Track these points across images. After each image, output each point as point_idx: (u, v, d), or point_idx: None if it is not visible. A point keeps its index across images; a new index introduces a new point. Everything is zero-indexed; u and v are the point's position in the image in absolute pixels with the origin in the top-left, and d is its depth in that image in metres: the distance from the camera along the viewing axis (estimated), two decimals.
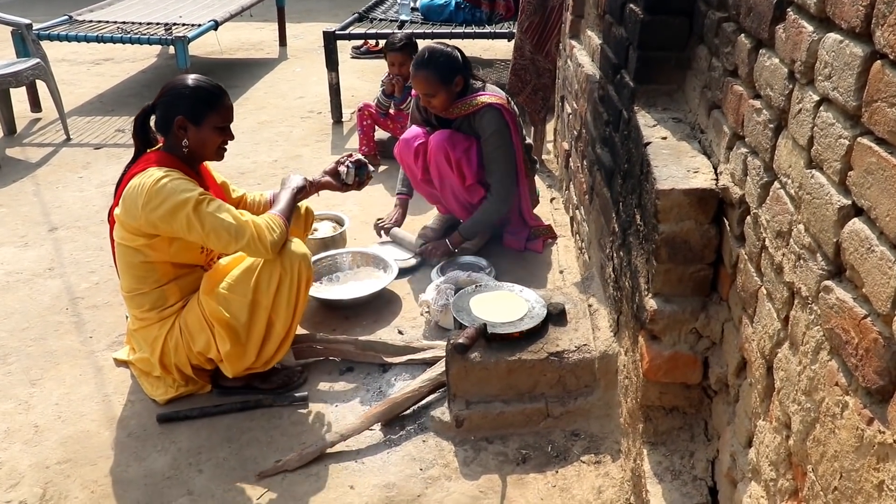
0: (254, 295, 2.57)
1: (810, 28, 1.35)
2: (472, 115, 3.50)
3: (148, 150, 2.64)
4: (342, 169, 3.04)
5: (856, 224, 1.17)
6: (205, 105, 2.54)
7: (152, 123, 2.66)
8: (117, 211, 2.55)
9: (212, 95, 2.57)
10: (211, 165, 2.84)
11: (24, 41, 5.50)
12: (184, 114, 2.52)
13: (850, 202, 1.19)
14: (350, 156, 3.09)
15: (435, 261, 3.63)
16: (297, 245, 2.65)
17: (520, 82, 4.59)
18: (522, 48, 4.48)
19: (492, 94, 3.51)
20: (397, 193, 3.93)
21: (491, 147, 3.51)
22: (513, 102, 3.69)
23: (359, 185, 3.07)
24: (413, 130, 3.66)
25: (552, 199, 4.23)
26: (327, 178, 3.03)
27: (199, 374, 2.76)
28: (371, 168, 3.12)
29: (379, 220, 3.90)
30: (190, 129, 2.54)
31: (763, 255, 1.58)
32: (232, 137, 2.67)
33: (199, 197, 2.44)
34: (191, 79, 2.57)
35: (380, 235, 3.87)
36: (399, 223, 3.88)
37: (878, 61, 1.11)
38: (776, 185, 1.52)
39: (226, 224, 2.45)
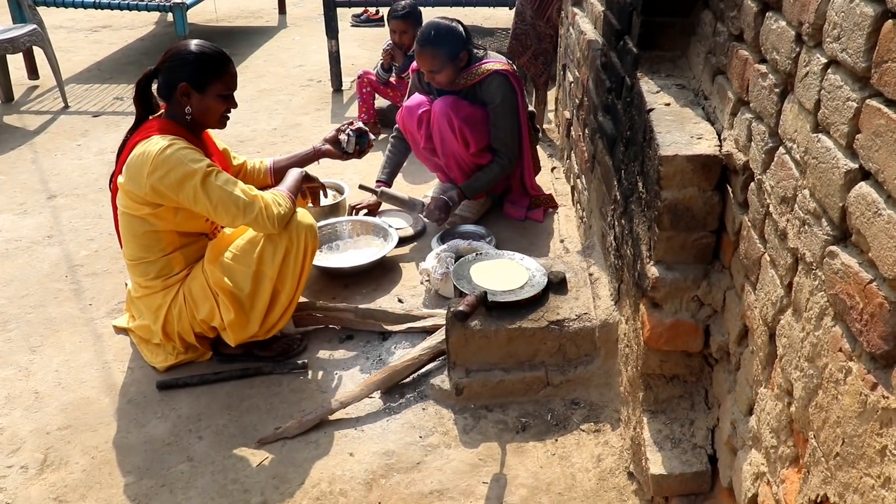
0: (258, 266, 2.55)
1: None
2: (478, 84, 3.47)
3: (150, 117, 2.61)
4: (343, 137, 3.03)
5: (862, 188, 1.15)
6: (209, 72, 2.51)
7: (154, 89, 2.63)
8: (121, 179, 2.51)
9: (216, 62, 2.53)
10: (212, 132, 2.81)
11: (21, 6, 5.45)
12: (187, 80, 2.48)
13: (857, 166, 1.17)
14: (351, 124, 3.07)
15: (435, 221, 3.55)
16: (304, 215, 2.64)
17: (520, 46, 4.55)
18: (523, 13, 4.44)
19: (496, 61, 3.48)
20: (377, 180, 3.74)
21: (499, 114, 3.49)
22: (515, 67, 3.66)
23: (359, 153, 3.06)
24: (416, 98, 3.63)
25: (553, 169, 4.20)
26: (328, 147, 3.03)
27: (200, 341, 2.75)
28: (372, 136, 3.10)
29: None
30: (193, 96, 2.51)
31: (767, 221, 1.56)
32: (235, 105, 2.64)
33: (207, 169, 2.41)
34: (195, 44, 2.53)
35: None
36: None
37: (890, 20, 1.08)
38: (781, 150, 1.50)
39: (234, 198, 2.42)
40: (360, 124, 3.08)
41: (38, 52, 5.63)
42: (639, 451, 2.09)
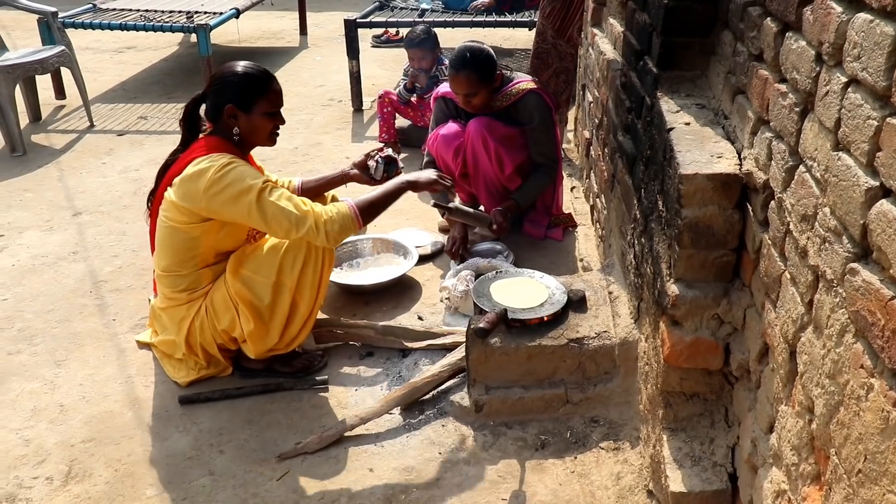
0: (278, 276, 2.59)
1: (839, 9, 1.34)
2: (512, 105, 3.49)
3: (199, 136, 2.66)
4: (371, 163, 3.02)
5: (884, 205, 1.16)
6: (254, 91, 2.56)
7: (202, 112, 2.69)
8: (171, 193, 2.55)
9: (260, 81, 2.59)
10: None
11: (50, 29, 5.55)
12: (233, 101, 2.54)
13: (878, 183, 1.18)
14: (381, 150, 3.07)
15: (504, 232, 3.42)
16: None
17: (542, 64, 4.58)
18: (544, 33, 4.47)
19: (527, 80, 3.53)
20: (434, 203, 3.45)
21: (539, 131, 3.53)
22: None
23: (387, 179, 3.03)
24: (451, 127, 3.61)
25: (572, 188, 4.22)
26: (356, 171, 3.04)
27: (222, 354, 2.78)
28: (401, 165, 3.08)
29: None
30: (240, 116, 2.57)
31: (787, 239, 1.57)
32: (283, 122, 2.70)
33: (262, 185, 2.46)
34: (239, 66, 2.59)
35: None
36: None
37: None
38: (801, 168, 1.51)
39: (287, 212, 2.45)
40: (390, 151, 3.07)
41: (66, 73, 5.74)
42: (658, 469, 2.09)
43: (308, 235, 2.49)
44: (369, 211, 2.61)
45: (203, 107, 2.68)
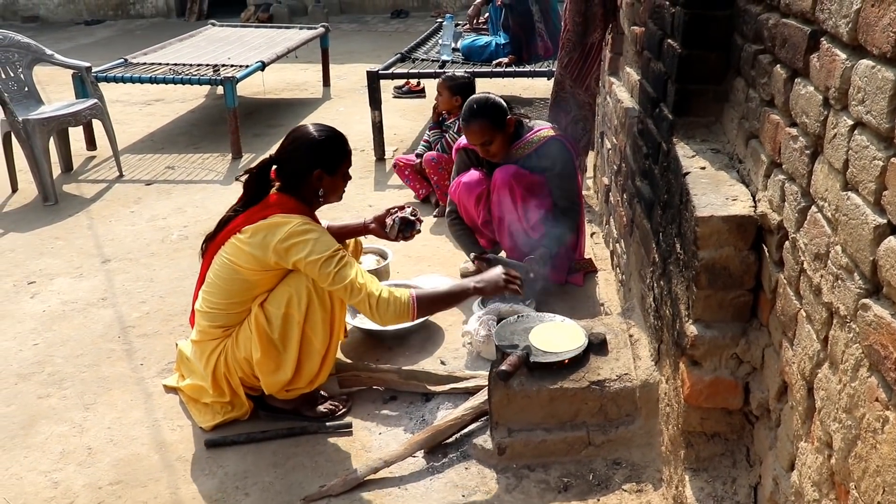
0: (286, 308, 2.65)
1: (843, 56, 1.39)
2: (534, 152, 3.55)
3: (270, 193, 2.73)
4: (389, 221, 3.06)
5: (891, 242, 1.20)
6: (339, 155, 2.72)
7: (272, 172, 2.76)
8: (241, 239, 2.64)
9: (342, 144, 2.74)
10: None
11: (84, 83, 5.74)
12: (322, 166, 2.66)
13: (885, 221, 1.22)
14: (402, 208, 3.11)
15: (543, 278, 3.48)
16: None
17: (561, 112, 4.66)
18: (563, 82, 4.55)
19: (548, 128, 3.59)
20: (475, 257, 3.67)
21: (563, 177, 3.57)
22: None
23: (402, 239, 3.09)
24: (473, 175, 3.67)
25: (592, 234, 4.26)
26: (374, 226, 3.10)
27: (244, 390, 2.83)
28: (418, 228, 3.11)
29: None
30: (325, 179, 2.68)
31: (801, 278, 1.60)
32: (350, 178, 2.82)
33: (330, 254, 2.56)
34: (318, 129, 2.71)
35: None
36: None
37: None
38: (813, 209, 1.55)
39: (343, 282, 2.54)
40: (408, 213, 3.07)
41: (97, 125, 5.91)
42: None
43: (360, 306, 2.59)
44: (428, 307, 2.70)
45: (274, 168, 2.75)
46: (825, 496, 1.46)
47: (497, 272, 2.78)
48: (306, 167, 2.66)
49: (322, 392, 2.93)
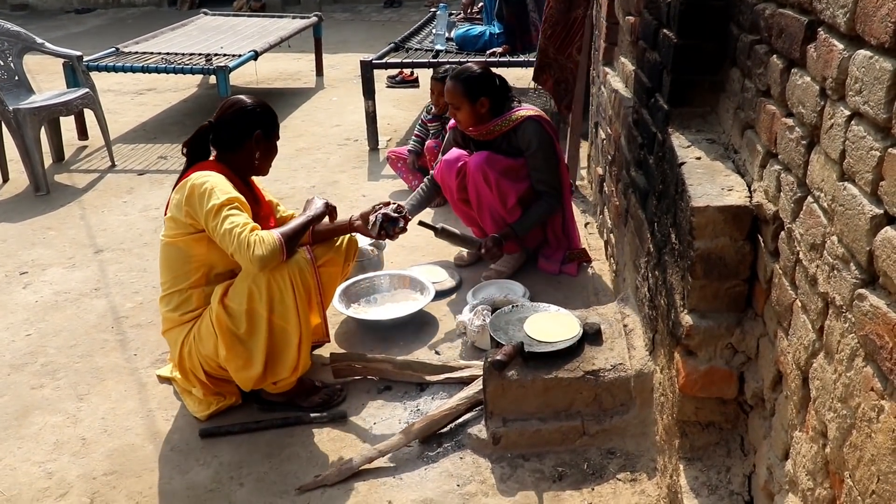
0: (249, 304, 2.61)
1: (840, 46, 1.39)
2: (512, 131, 3.56)
3: (201, 162, 2.76)
4: (371, 218, 3.03)
5: (888, 232, 1.20)
6: (274, 121, 2.82)
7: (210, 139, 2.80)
8: (171, 208, 2.67)
9: (275, 114, 2.84)
10: (260, 185, 2.95)
11: (75, 72, 5.70)
12: (261, 128, 2.74)
13: (882, 211, 1.23)
14: (387, 204, 3.09)
15: (492, 258, 3.65)
16: (299, 253, 2.70)
17: (543, 74, 4.88)
18: (546, 51, 4.78)
19: (529, 109, 3.59)
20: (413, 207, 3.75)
21: (538, 158, 3.57)
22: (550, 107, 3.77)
23: (385, 237, 3.07)
24: (454, 152, 3.73)
25: (586, 224, 4.27)
26: (359, 223, 3.05)
27: (219, 383, 2.82)
28: (400, 226, 3.08)
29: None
30: (262, 142, 2.75)
31: (797, 268, 1.61)
32: (277, 151, 2.89)
33: (225, 200, 2.54)
34: (252, 99, 2.78)
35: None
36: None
37: None
38: (809, 199, 1.56)
39: (230, 229, 2.50)
40: (391, 210, 3.05)
41: (88, 115, 5.88)
42: (676, 499, 2.10)
43: (236, 255, 2.52)
44: (293, 237, 2.66)
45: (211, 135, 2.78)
46: (819, 485, 1.47)
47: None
48: (246, 128, 2.72)
49: (317, 382, 2.92)
